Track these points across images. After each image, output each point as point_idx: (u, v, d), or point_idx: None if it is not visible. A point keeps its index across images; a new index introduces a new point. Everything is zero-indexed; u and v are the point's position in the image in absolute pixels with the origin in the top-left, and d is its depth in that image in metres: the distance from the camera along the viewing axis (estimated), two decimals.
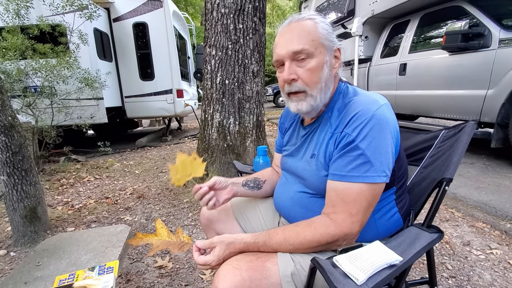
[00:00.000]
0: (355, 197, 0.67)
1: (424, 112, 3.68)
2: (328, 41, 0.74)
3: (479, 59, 2.79)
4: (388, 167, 0.68)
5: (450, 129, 0.89)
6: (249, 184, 1.00)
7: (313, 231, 0.70)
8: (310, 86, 0.74)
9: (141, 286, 1.46)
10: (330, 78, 0.75)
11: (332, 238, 0.69)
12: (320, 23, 0.74)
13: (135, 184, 3.14)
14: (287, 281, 0.68)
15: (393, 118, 0.70)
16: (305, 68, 0.73)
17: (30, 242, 1.86)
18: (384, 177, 0.68)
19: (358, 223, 0.68)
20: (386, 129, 0.67)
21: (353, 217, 0.68)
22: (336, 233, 0.68)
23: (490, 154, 3.24)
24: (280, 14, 19.56)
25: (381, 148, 0.67)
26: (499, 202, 2.14)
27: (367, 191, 0.67)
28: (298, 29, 0.74)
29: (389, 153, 0.68)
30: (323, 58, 0.73)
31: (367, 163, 0.66)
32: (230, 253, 0.72)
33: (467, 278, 1.41)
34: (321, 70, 0.73)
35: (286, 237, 0.71)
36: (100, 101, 4.67)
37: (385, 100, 0.71)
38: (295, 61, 0.73)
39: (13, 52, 3.45)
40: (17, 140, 1.79)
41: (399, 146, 0.74)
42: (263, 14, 2.64)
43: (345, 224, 0.68)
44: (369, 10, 4.12)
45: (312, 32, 0.73)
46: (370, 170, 0.66)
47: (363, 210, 0.68)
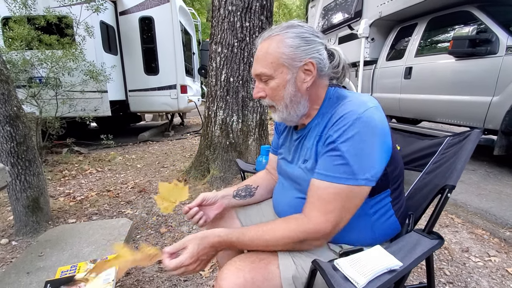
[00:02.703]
0: (331, 196, 0.67)
1: (428, 117, 3.66)
2: (292, 60, 0.73)
3: (485, 65, 2.77)
4: (372, 171, 0.67)
5: (455, 136, 0.89)
6: (240, 194, 0.99)
7: (286, 226, 0.70)
8: (276, 103, 0.78)
9: (141, 280, 1.48)
10: (298, 94, 0.76)
11: (304, 235, 0.68)
12: (287, 40, 0.73)
13: (137, 178, 3.16)
14: (288, 284, 0.69)
15: (382, 121, 0.68)
16: (268, 87, 0.77)
17: (32, 232, 1.88)
18: (363, 181, 0.66)
19: (330, 222, 0.67)
20: (373, 132, 0.66)
21: (326, 215, 0.67)
22: (307, 229, 0.68)
23: (492, 161, 3.23)
24: (286, 12, 19.48)
25: (364, 151, 0.66)
26: (499, 209, 2.14)
27: (343, 193, 0.67)
28: (262, 50, 0.76)
29: (373, 156, 0.67)
30: (285, 78, 0.74)
31: (345, 165, 0.66)
32: (205, 248, 0.70)
33: (465, 284, 1.42)
34: (283, 89, 0.75)
35: (260, 232, 0.72)
36: (104, 94, 4.69)
37: (375, 103, 0.70)
38: (261, 80, 0.78)
39: (19, 42, 3.46)
40: (22, 131, 1.81)
41: (392, 148, 0.73)
42: (270, 12, 2.63)
43: (318, 221, 0.68)
44: (376, 12, 4.09)
45: (273, 54, 0.74)
46: (348, 172, 0.65)
47: (338, 211, 0.67)
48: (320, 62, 0.76)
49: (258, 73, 0.77)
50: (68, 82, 3.98)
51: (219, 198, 0.95)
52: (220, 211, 0.95)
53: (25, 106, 3.44)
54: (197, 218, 0.90)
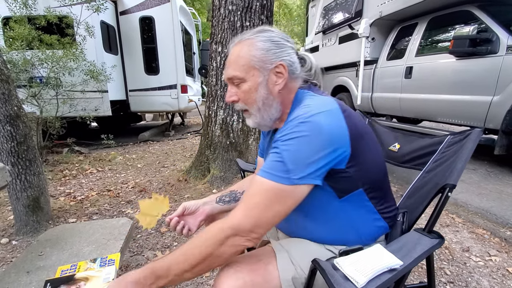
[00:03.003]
0: (257, 191, 0.66)
1: (428, 116, 3.66)
2: (263, 62, 0.74)
3: (486, 65, 2.77)
4: (310, 172, 0.64)
5: (455, 135, 0.88)
6: (224, 199, 0.97)
7: (207, 229, 0.66)
8: (249, 106, 0.78)
9: None
10: (270, 96, 0.76)
11: (223, 232, 0.63)
12: (258, 43, 0.74)
13: (137, 177, 3.16)
14: (288, 285, 0.69)
15: (330, 125, 0.65)
16: (241, 90, 0.77)
17: (32, 231, 1.88)
18: (297, 180, 0.63)
19: (250, 218, 0.64)
20: (315, 135, 0.64)
21: (247, 211, 0.64)
22: (225, 225, 0.64)
23: (492, 161, 3.22)
24: (287, 12, 19.46)
25: (301, 152, 0.64)
26: (500, 209, 2.14)
27: (271, 190, 0.64)
28: (234, 54, 0.77)
29: (313, 159, 0.64)
30: (256, 80, 0.75)
31: (280, 163, 0.64)
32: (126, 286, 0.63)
33: (465, 284, 1.41)
34: (255, 91, 0.75)
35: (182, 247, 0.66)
36: (105, 94, 4.69)
37: (330, 107, 0.68)
38: (233, 84, 0.78)
39: (20, 42, 3.46)
40: (22, 130, 1.81)
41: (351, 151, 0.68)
42: (270, 12, 2.63)
43: (237, 215, 0.65)
44: (377, 11, 4.09)
45: (244, 57, 0.74)
46: (282, 170, 0.63)
47: (261, 208, 0.64)
48: (291, 64, 0.76)
49: (230, 77, 0.77)
50: (69, 82, 3.98)
51: (200, 205, 0.93)
52: (204, 218, 0.92)
53: (26, 106, 3.44)
54: (179, 229, 0.89)
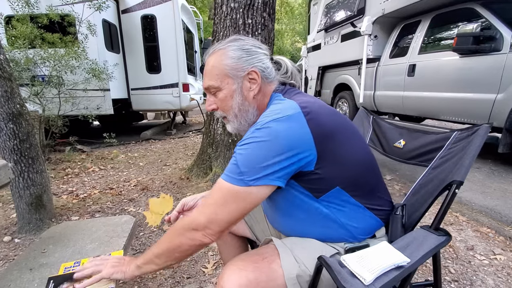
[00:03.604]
0: (214, 190, 0.70)
1: (432, 115, 3.64)
2: (235, 70, 0.77)
3: (489, 62, 2.75)
4: (259, 174, 0.65)
5: (462, 131, 0.87)
6: None
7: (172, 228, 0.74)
8: (226, 113, 0.81)
9: (144, 277, 1.48)
10: (246, 102, 0.79)
11: (183, 226, 0.71)
12: (229, 52, 0.77)
13: (139, 176, 3.16)
14: (292, 284, 0.68)
15: (287, 132, 0.66)
16: (218, 98, 0.80)
17: (35, 229, 1.88)
18: (250, 181, 0.65)
19: (205, 214, 0.68)
20: (272, 141, 0.65)
21: (204, 207, 0.70)
22: (186, 219, 0.72)
23: (496, 159, 3.20)
24: (288, 11, 19.40)
25: (256, 157, 0.66)
26: (504, 207, 2.12)
27: (227, 191, 0.67)
28: (209, 64, 0.80)
29: (269, 162, 0.65)
30: (231, 88, 0.78)
31: (235, 165, 0.67)
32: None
33: (470, 282, 1.40)
34: (231, 99, 0.79)
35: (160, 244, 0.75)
36: (107, 93, 4.69)
37: (290, 112, 0.68)
38: (210, 93, 0.82)
39: (22, 41, 3.46)
40: (25, 128, 1.81)
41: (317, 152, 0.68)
42: (272, 9, 2.62)
43: (195, 211, 0.71)
44: (379, 9, 4.06)
45: (216, 67, 0.78)
46: (236, 172, 0.66)
47: (216, 206, 0.68)
48: (264, 70, 0.79)
49: (207, 86, 0.80)
50: (71, 81, 3.98)
51: (198, 199, 0.98)
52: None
53: (28, 105, 3.44)
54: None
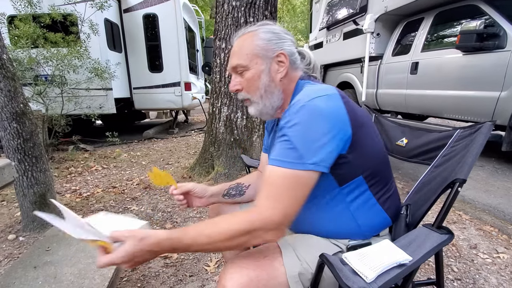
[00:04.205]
0: (279, 182, 0.65)
1: (434, 113, 3.62)
2: (265, 51, 0.78)
3: (493, 60, 2.73)
4: (319, 156, 0.64)
5: (465, 129, 0.87)
6: (230, 193, 1.01)
7: (232, 218, 0.65)
8: (251, 94, 0.81)
9: (147, 275, 1.49)
10: (272, 84, 0.79)
11: (251, 225, 0.62)
12: (260, 34, 0.79)
13: (142, 174, 3.18)
14: (294, 282, 0.68)
15: (331, 108, 0.67)
16: (243, 78, 0.80)
17: (39, 227, 1.90)
18: (311, 165, 0.64)
19: (278, 210, 0.63)
20: (317, 119, 0.65)
21: (274, 203, 0.63)
22: (254, 218, 0.63)
23: (500, 157, 3.18)
24: (290, 8, 19.33)
25: (309, 136, 0.65)
26: (508, 206, 2.11)
27: (292, 178, 0.64)
28: (237, 45, 0.81)
29: (319, 141, 0.64)
30: (260, 68, 0.78)
31: (292, 149, 0.64)
32: (141, 250, 0.59)
33: (473, 281, 1.40)
34: (258, 79, 0.79)
35: (202, 229, 0.65)
36: (109, 92, 4.71)
37: (329, 92, 0.69)
38: (237, 73, 0.81)
39: (25, 40, 3.48)
40: (28, 127, 1.82)
41: (359, 134, 0.69)
42: (274, 8, 2.61)
43: (265, 209, 0.63)
44: (382, 6, 4.04)
45: (247, 46, 0.79)
46: (296, 157, 0.64)
47: (287, 198, 0.64)
48: (291, 54, 0.81)
49: (234, 65, 0.80)
50: (74, 80, 4.01)
51: (206, 195, 0.97)
52: (203, 205, 1.00)
53: (32, 104, 3.46)
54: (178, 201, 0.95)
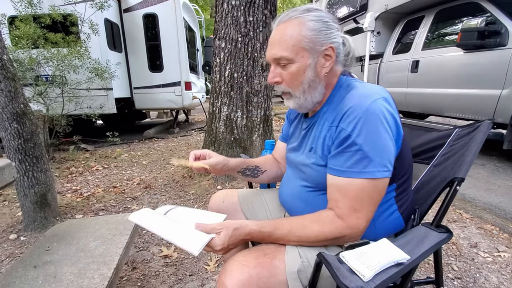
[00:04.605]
0: (357, 193, 0.66)
1: (435, 111, 3.61)
2: (313, 43, 0.72)
3: (494, 57, 2.72)
4: (390, 161, 0.67)
5: (464, 128, 0.86)
6: (246, 172, 1.01)
7: (320, 225, 0.69)
8: (293, 88, 0.76)
9: (147, 274, 1.49)
10: (317, 79, 0.75)
11: (340, 234, 0.68)
12: (308, 23, 0.71)
13: (142, 174, 3.18)
14: (293, 278, 0.68)
15: (391, 112, 0.67)
16: (286, 72, 0.74)
17: (40, 227, 1.91)
18: (386, 172, 0.66)
19: (363, 218, 0.67)
20: (381, 123, 0.65)
21: (357, 213, 0.67)
22: (343, 228, 0.68)
23: (501, 156, 3.17)
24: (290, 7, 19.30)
25: (378, 142, 0.65)
26: (509, 204, 2.10)
27: (369, 187, 0.66)
28: (281, 33, 0.73)
29: (388, 147, 0.66)
30: (305, 62, 0.72)
31: (365, 158, 0.65)
32: (236, 239, 0.69)
33: (473, 280, 1.39)
34: (303, 74, 0.73)
35: (293, 228, 0.71)
36: (110, 92, 4.72)
37: (384, 93, 0.69)
38: (279, 65, 0.75)
39: (26, 41, 3.49)
40: (29, 128, 1.83)
41: (402, 141, 0.72)
42: (274, 6, 2.61)
43: (351, 219, 0.67)
44: (382, 5, 4.03)
45: (294, 37, 0.71)
46: (370, 165, 0.65)
47: (367, 206, 0.67)
48: (338, 47, 0.75)
49: (278, 57, 0.74)
50: (74, 80, 4.01)
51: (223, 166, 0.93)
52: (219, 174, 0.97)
53: (32, 104, 3.48)
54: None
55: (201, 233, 0.68)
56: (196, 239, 0.66)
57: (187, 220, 0.76)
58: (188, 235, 0.68)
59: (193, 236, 0.67)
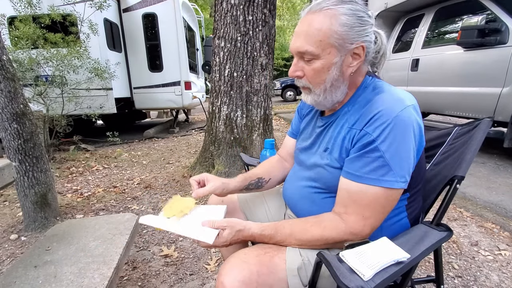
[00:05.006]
0: (370, 201, 0.65)
1: (436, 110, 3.60)
2: (343, 40, 0.66)
3: (495, 55, 2.71)
4: (408, 173, 0.65)
5: (463, 126, 0.86)
6: (250, 188, 0.98)
7: (322, 229, 0.69)
8: (314, 85, 0.72)
9: (147, 274, 1.49)
10: (340, 78, 0.70)
11: (341, 239, 0.67)
12: (341, 17, 0.65)
13: (143, 174, 3.18)
14: (292, 275, 0.68)
15: (419, 121, 0.65)
16: (310, 67, 0.70)
17: (41, 227, 1.91)
18: (403, 183, 0.64)
19: (369, 226, 0.66)
20: (409, 133, 0.63)
21: (365, 220, 0.66)
22: (346, 234, 0.67)
23: (502, 154, 3.16)
24: (290, 6, 19.26)
25: (402, 152, 0.63)
26: (509, 202, 2.10)
27: (383, 196, 0.64)
28: (309, 25, 0.67)
29: (410, 158, 0.64)
30: (332, 59, 0.67)
31: (385, 167, 0.62)
32: (238, 239, 0.72)
33: (474, 278, 1.39)
34: (327, 72, 0.69)
35: (293, 232, 0.71)
36: (109, 92, 4.72)
37: (413, 101, 0.66)
38: (302, 58, 0.71)
39: (25, 41, 3.48)
40: (29, 128, 1.83)
41: (422, 151, 0.70)
42: (273, 5, 2.60)
43: (356, 226, 0.66)
44: (382, 3, 4.02)
45: (323, 31, 0.66)
46: (388, 174, 0.62)
47: (376, 215, 0.66)
48: (369, 46, 0.70)
49: (302, 51, 0.68)
50: (74, 80, 4.01)
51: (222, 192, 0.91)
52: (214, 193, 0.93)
53: (32, 105, 3.48)
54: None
55: (208, 230, 0.72)
56: (207, 232, 0.71)
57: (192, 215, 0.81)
58: (198, 230, 0.72)
59: (203, 230, 0.72)
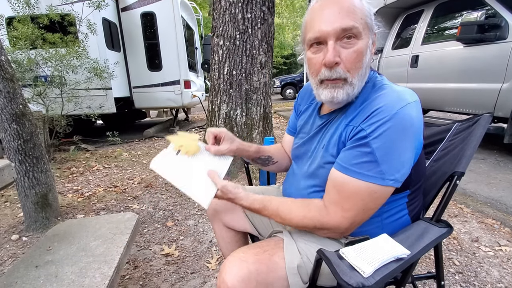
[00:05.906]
0: (351, 193, 0.64)
1: (436, 106, 3.60)
2: (372, 23, 0.65)
3: (494, 51, 2.70)
4: (400, 172, 0.62)
5: (463, 122, 0.86)
6: (257, 161, 1.01)
7: (306, 212, 0.70)
8: (352, 73, 0.64)
9: (148, 272, 1.50)
10: (369, 66, 0.67)
11: (321, 225, 0.69)
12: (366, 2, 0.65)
13: (143, 173, 3.18)
14: (293, 273, 0.68)
15: (419, 119, 0.62)
16: (350, 50, 0.62)
17: (42, 227, 1.91)
18: (391, 181, 0.62)
19: (348, 219, 0.65)
20: (407, 131, 0.61)
21: (344, 212, 0.65)
22: (325, 221, 0.68)
23: (502, 150, 3.16)
24: (289, 4, 19.18)
25: (396, 151, 0.61)
26: (510, 198, 2.10)
27: (365, 191, 0.63)
28: (343, 2, 0.62)
29: (404, 157, 0.62)
30: (367, 41, 0.64)
31: (373, 163, 0.61)
32: (229, 199, 0.78)
33: (475, 274, 1.40)
34: (365, 55, 0.64)
35: (279, 210, 0.74)
36: (109, 91, 4.71)
37: (415, 97, 0.63)
38: (339, 41, 0.63)
39: (24, 42, 3.48)
40: (28, 128, 1.83)
41: (421, 148, 0.69)
42: (272, 3, 2.59)
43: (335, 216, 0.66)
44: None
45: (360, 9, 0.62)
46: (374, 170, 0.61)
47: (357, 209, 0.64)
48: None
49: (349, 27, 0.60)
50: (73, 80, 4.00)
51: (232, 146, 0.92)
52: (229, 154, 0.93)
53: (32, 105, 3.48)
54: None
55: (210, 184, 0.78)
56: (205, 191, 0.76)
57: (199, 163, 0.83)
58: (200, 185, 0.77)
59: (204, 187, 0.77)
